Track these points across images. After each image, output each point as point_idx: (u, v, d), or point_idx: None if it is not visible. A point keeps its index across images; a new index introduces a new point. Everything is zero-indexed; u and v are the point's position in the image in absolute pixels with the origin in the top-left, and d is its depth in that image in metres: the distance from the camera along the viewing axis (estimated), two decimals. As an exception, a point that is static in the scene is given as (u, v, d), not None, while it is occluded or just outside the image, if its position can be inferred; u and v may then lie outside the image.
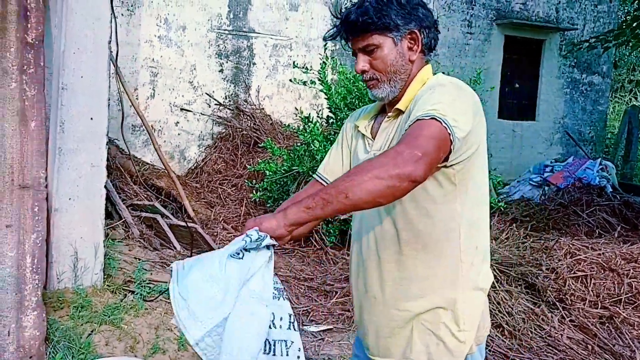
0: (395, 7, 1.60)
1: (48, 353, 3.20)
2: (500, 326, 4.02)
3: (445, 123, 1.40)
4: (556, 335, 3.93)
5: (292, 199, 1.47)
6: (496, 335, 3.94)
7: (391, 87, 1.64)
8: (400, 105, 1.64)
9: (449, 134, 1.41)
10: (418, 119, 1.42)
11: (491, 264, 4.41)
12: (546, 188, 8.41)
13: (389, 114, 1.68)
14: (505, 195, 8.48)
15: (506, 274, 4.34)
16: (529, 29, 10.27)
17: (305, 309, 4.61)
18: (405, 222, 1.60)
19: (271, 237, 1.42)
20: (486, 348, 3.87)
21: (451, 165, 1.52)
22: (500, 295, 4.19)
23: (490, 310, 4.13)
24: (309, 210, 1.35)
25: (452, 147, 1.43)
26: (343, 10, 1.67)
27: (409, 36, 1.63)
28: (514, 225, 6.02)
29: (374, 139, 1.70)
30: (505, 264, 4.40)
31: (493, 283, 4.32)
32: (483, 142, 1.60)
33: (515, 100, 10.62)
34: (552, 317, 4.07)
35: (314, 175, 1.85)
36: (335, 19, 1.70)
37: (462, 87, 1.58)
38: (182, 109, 8.23)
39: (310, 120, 6.12)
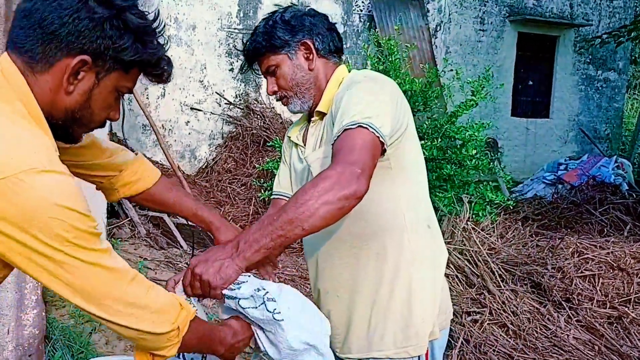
0: (280, 26, 1.69)
1: (47, 351, 3.21)
2: (504, 326, 3.97)
3: (373, 128, 1.45)
4: (562, 335, 3.87)
5: (243, 236, 1.43)
6: (501, 335, 3.89)
7: (301, 100, 1.73)
8: (321, 108, 1.71)
9: (378, 137, 1.46)
10: (345, 129, 1.46)
11: (496, 263, 4.37)
12: (559, 186, 8.30)
13: (313, 119, 1.75)
14: (518, 194, 8.39)
15: (511, 272, 4.29)
16: (543, 25, 10.14)
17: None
18: (356, 214, 1.60)
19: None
20: (490, 347, 3.83)
21: (383, 154, 1.56)
22: (505, 294, 4.14)
23: (494, 310, 4.10)
24: (269, 250, 1.38)
25: (384, 148, 1.50)
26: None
27: (302, 47, 1.70)
28: (524, 223, 5.95)
29: (305, 145, 1.77)
30: (510, 262, 4.35)
31: (498, 282, 4.29)
32: (410, 123, 1.66)
33: (529, 97, 10.51)
34: (558, 317, 4.01)
35: (273, 196, 1.90)
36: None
37: (376, 79, 1.64)
38: (192, 109, 8.27)
39: (318, 118, 6.11)
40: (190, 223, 5.42)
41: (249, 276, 1.41)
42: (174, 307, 1.21)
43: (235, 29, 8.39)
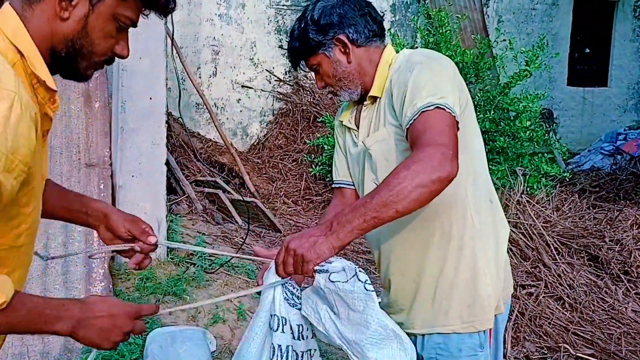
0: (311, 27, 1.69)
1: (115, 321, 3.39)
2: (560, 299, 3.94)
3: (449, 108, 1.48)
4: (620, 308, 3.81)
5: (335, 217, 1.44)
6: (556, 308, 3.87)
7: (348, 92, 1.73)
8: (373, 92, 1.71)
9: (454, 116, 1.49)
10: (422, 111, 1.48)
11: (552, 236, 4.32)
12: (618, 157, 8.05)
13: (366, 103, 1.75)
14: (574, 165, 8.19)
15: (567, 245, 4.23)
16: (601, -10, 9.75)
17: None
18: None
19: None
20: (546, 320, 3.81)
21: None
22: (562, 267, 4.10)
23: (550, 283, 4.06)
24: (361, 231, 1.41)
25: (458, 126, 1.52)
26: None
27: (337, 43, 1.69)
28: (581, 196, 5.83)
29: (359, 129, 1.77)
30: (566, 235, 4.29)
31: (554, 255, 4.24)
32: (469, 97, 1.67)
33: (586, 66, 10.16)
34: (615, 289, 3.95)
35: (334, 186, 1.93)
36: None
37: (436, 58, 1.65)
38: (243, 86, 8.36)
39: (368, 93, 6.10)
40: (245, 199, 5.55)
41: (340, 259, 1.43)
42: None
43: (283, 5, 8.40)
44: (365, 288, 1.38)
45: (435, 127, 1.45)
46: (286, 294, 1.50)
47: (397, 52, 1.76)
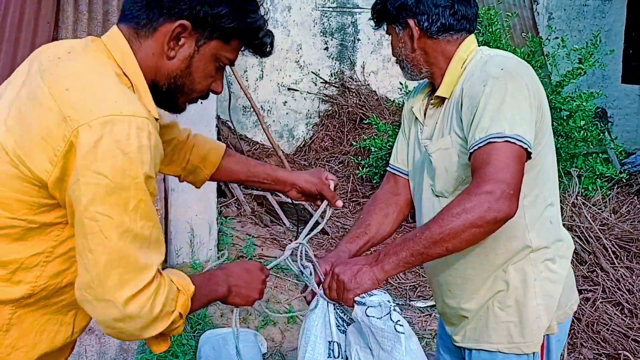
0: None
1: (169, 322, 3.45)
2: (619, 304, 3.81)
3: (521, 141, 1.39)
4: (683, 315, 3.66)
5: (384, 248, 1.42)
6: (615, 314, 3.74)
7: (410, 73, 1.67)
8: (441, 93, 1.62)
9: (525, 148, 1.40)
10: (490, 141, 1.39)
11: (609, 239, 4.18)
12: (677, 157, 7.74)
13: (432, 102, 1.67)
14: (630, 166, 7.91)
15: (626, 249, 4.09)
16: (657, -17, 9.40)
17: (412, 284, 4.61)
18: None
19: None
20: (604, 326, 3.69)
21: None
22: (620, 272, 3.96)
23: (608, 288, 3.93)
24: (408, 264, 1.38)
25: (529, 156, 1.43)
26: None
27: (407, 27, 1.62)
28: (639, 197, 5.63)
29: (424, 124, 1.70)
30: (625, 239, 4.14)
31: (611, 259, 4.10)
32: (545, 112, 1.55)
33: (641, 62, 9.82)
34: (678, 295, 3.79)
35: (388, 169, 1.86)
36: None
37: (515, 75, 1.49)
38: (289, 89, 8.40)
39: (415, 94, 6.04)
40: (294, 202, 5.58)
41: (384, 292, 1.39)
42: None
43: (329, 7, 8.41)
44: (395, 329, 1.33)
45: (498, 162, 1.36)
46: (337, 320, 1.48)
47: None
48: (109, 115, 1.05)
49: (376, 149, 6.17)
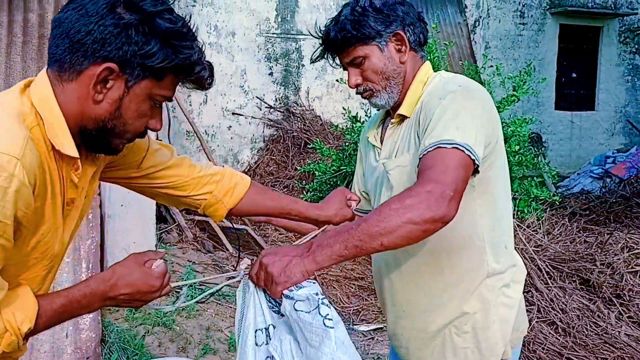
0: (372, 14, 1.55)
1: (104, 354, 3.34)
2: (553, 323, 3.92)
3: (469, 150, 1.37)
4: (613, 332, 3.79)
5: (317, 240, 1.35)
6: (549, 333, 3.84)
7: (388, 94, 1.60)
8: (402, 111, 1.60)
9: (473, 160, 1.38)
10: (438, 146, 1.37)
11: (543, 260, 4.31)
12: (608, 180, 8.10)
13: (392, 121, 1.63)
14: (564, 189, 8.23)
15: (559, 270, 4.23)
16: (585, 16, 9.92)
17: (356, 308, 4.63)
18: None
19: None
20: (539, 346, 3.79)
21: (474, 175, 1.47)
22: (554, 291, 4.08)
23: (543, 308, 4.05)
24: (340, 257, 1.30)
25: (476, 169, 1.41)
26: (322, 29, 1.64)
27: (393, 38, 1.57)
28: (572, 219, 5.84)
29: (382, 147, 1.67)
30: (557, 259, 4.29)
31: (545, 280, 4.23)
32: (499, 139, 1.55)
33: (573, 90, 10.29)
34: (608, 313, 3.93)
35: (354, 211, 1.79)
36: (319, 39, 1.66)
37: (471, 91, 1.51)
38: (234, 113, 8.40)
39: (358, 119, 6.13)
40: (236, 227, 5.53)
41: (314, 283, 1.32)
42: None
43: (273, 33, 8.49)
44: (324, 323, 1.26)
45: (444, 165, 1.34)
46: (270, 302, 1.38)
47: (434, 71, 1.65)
48: None
49: (320, 174, 6.20)
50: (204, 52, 1.21)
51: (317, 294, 1.29)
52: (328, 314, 1.27)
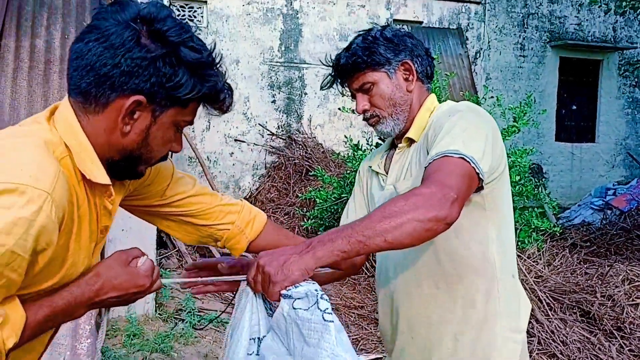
0: (382, 43, 1.61)
1: (101, 379, 3.31)
2: (554, 356, 3.89)
3: (474, 163, 1.38)
4: (614, 365, 3.77)
5: (318, 237, 1.29)
6: (550, 366, 3.82)
7: (394, 121, 1.63)
8: (411, 134, 1.63)
9: (477, 173, 1.39)
10: (445, 155, 1.38)
11: (544, 292, 4.29)
12: (608, 212, 8.10)
13: (400, 145, 1.66)
14: (565, 220, 8.22)
15: (560, 301, 4.21)
16: (585, 49, 10.04)
17: (355, 337, 4.59)
18: (444, 253, 1.56)
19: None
20: (540, 379, 3.75)
21: (478, 191, 1.48)
22: (554, 323, 4.06)
23: (543, 340, 4.02)
24: (343, 253, 1.25)
25: (480, 184, 1.43)
26: (333, 57, 1.69)
27: (402, 67, 1.63)
28: (572, 250, 5.83)
29: (387, 174, 1.68)
30: (558, 291, 4.27)
31: (546, 311, 4.21)
32: (505, 167, 1.57)
33: (573, 122, 10.36)
34: (609, 346, 3.90)
35: None
36: (328, 67, 1.70)
37: (479, 112, 1.56)
38: (236, 140, 8.45)
39: (360, 147, 6.17)
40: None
41: (313, 283, 1.24)
42: None
43: (277, 62, 8.59)
44: (323, 317, 1.19)
45: (449, 170, 1.35)
46: (268, 310, 1.32)
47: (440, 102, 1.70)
48: (6, 182, 0.99)
49: (321, 201, 6.22)
50: (226, 76, 1.21)
51: (316, 290, 1.23)
52: (327, 308, 1.21)
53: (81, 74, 1.11)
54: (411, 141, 1.64)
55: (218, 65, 1.19)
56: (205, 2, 8.16)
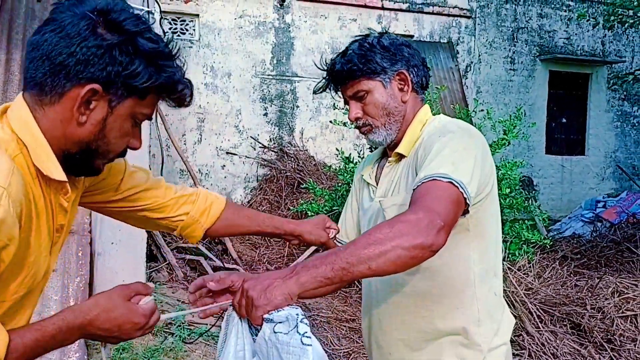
0: (379, 51, 1.59)
1: (89, 394, 3.28)
2: (544, 369, 3.89)
3: (462, 188, 1.37)
4: (604, 378, 3.77)
5: (302, 262, 1.29)
6: (541, 378, 3.82)
7: (387, 131, 1.61)
8: (401, 150, 1.61)
9: (465, 198, 1.38)
10: (433, 178, 1.37)
11: (534, 304, 4.30)
12: (598, 224, 8.14)
13: (390, 159, 1.65)
14: (555, 232, 8.26)
15: (550, 313, 4.22)
16: (574, 63, 10.14)
17: (346, 350, 4.58)
18: (426, 272, 1.56)
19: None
20: (531, 392, 3.75)
21: (464, 214, 1.47)
22: (545, 336, 4.07)
23: (534, 352, 4.02)
24: (326, 280, 1.23)
25: (467, 208, 1.42)
26: (328, 61, 1.67)
27: (397, 77, 1.60)
28: (563, 263, 5.85)
29: (377, 186, 1.67)
30: (548, 303, 4.28)
31: (537, 323, 4.21)
32: (494, 185, 1.56)
33: (563, 135, 10.44)
34: (600, 358, 3.91)
35: (335, 242, 1.77)
36: (323, 71, 1.69)
37: (471, 133, 1.54)
38: (228, 153, 8.45)
39: (351, 160, 6.18)
40: (226, 265, 5.50)
41: (296, 307, 1.24)
42: None
43: (269, 75, 8.61)
44: (302, 341, 1.18)
45: (436, 195, 1.34)
46: (253, 334, 1.31)
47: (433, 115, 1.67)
48: None
49: (313, 214, 6.21)
50: (185, 70, 1.21)
51: (297, 314, 1.23)
52: (306, 332, 1.21)
53: (37, 64, 1.11)
54: (401, 156, 1.62)
55: (176, 58, 1.19)
56: (197, 15, 8.19)
